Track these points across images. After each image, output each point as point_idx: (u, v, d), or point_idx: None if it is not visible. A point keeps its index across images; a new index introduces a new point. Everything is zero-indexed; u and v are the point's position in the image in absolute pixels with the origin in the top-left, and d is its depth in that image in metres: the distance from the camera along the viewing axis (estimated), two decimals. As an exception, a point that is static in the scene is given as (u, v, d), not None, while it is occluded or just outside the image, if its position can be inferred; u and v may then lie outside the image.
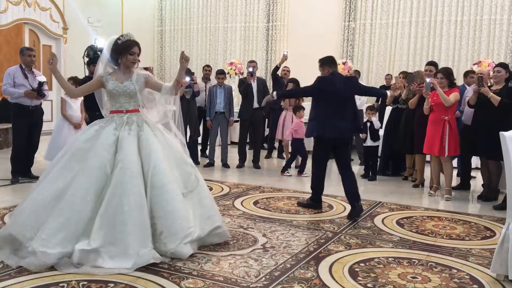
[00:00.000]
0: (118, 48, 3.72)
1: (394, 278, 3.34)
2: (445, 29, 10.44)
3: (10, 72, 6.14)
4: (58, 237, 3.28)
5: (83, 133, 3.76)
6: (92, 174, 3.46)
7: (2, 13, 9.92)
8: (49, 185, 3.50)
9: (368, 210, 5.27)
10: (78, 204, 3.37)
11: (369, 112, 7.14)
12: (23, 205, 3.51)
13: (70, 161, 3.57)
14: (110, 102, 3.81)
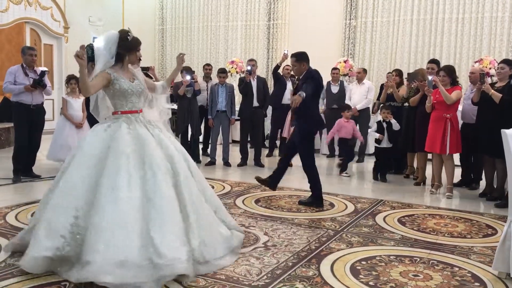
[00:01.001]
0: (129, 45, 3.54)
1: (396, 276, 3.33)
2: (447, 26, 10.42)
3: (11, 71, 6.15)
4: (177, 243, 3.13)
5: (125, 141, 3.38)
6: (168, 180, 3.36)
7: (3, 12, 9.93)
8: (131, 203, 3.14)
9: (369, 208, 5.27)
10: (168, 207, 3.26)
11: (385, 111, 6.79)
12: (105, 227, 3.05)
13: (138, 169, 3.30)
14: (119, 101, 3.53)
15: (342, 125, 7.31)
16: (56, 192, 3.31)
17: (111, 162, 3.25)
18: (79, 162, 3.32)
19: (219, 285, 3.04)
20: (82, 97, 6.96)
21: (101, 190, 3.15)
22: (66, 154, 6.60)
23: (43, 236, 3.11)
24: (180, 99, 7.84)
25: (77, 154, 3.40)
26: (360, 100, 8.44)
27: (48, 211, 3.24)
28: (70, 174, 3.29)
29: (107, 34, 3.55)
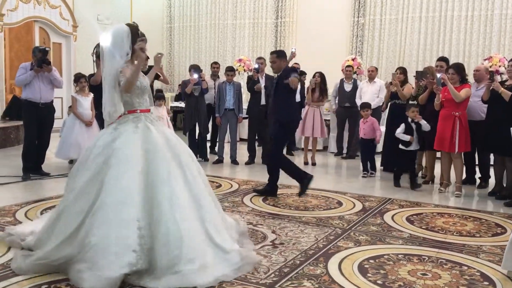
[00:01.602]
0: (141, 40, 3.44)
1: (404, 275, 3.32)
2: (456, 24, 10.34)
3: (23, 66, 6.20)
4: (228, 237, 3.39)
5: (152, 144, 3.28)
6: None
7: (13, 11, 9.99)
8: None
9: (377, 206, 5.25)
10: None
11: (414, 110, 6.21)
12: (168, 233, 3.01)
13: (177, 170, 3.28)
14: (137, 100, 3.40)
15: (360, 126, 7.18)
16: (107, 206, 3.03)
17: (157, 167, 3.17)
18: (122, 171, 3.11)
19: (227, 283, 3.05)
20: (91, 95, 6.99)
21: (163, 202, 3.07)
22: (75, 152, 6.69)
23: (114, 254, 2.89)
24: (187, 98, 7.85)
25: (113, 162, 3.15)
26: (372, 99, 8.40)
27: (107, 227, 2.96)
28: (116, 185, 3.07)
29: (115, 29, 3.40)
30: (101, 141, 3.30)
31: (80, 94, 7.00)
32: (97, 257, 2.90)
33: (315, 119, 7.89)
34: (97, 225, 2.99)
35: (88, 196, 3.13)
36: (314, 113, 7.91)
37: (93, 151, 3.29)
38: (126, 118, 3.38)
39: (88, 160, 3.27)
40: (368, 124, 7.06)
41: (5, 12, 9.82)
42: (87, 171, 3.21)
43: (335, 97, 9.00)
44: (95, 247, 2.93)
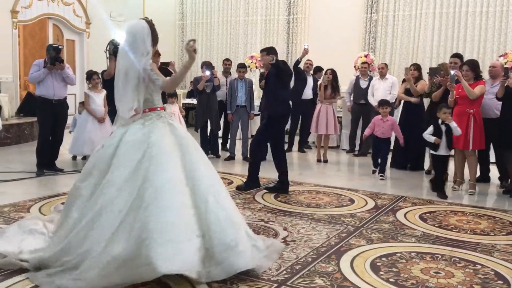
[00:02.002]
0: (156, 36, 3.38)
1: (417, 273, 3.30)
2: (470, 20, 10.21)
3: (37, 63, 6.26)
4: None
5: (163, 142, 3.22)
6: None
7: (27, 9, 10.09)
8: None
9: (390, 204, 5.22)
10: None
11: (446, 112, 5.61)
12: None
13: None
14: (156, 97, 3.36)
15: (377, 123, 6.77)
16: (159, 198, 2.96)
17: (192, 159, 3.22)
18: (165, 163, 3.08)
19: (239, 280, 3.05)
20: (103, 92, 7.03)
21: (202, 189, 3.12)
22: (89, 148, 6.74)
23: (185, 239, 2.88)
24: (199, 94, 7.87)
25: (154, 155, 3.09)
26: (384, 96, 8.34)
27: (165, 215, 2.90)
28: (163, 176, 3.03)
29: (136, 25, 3.31)
30: (130, 137, 3.20)
31: (93, 91, 7.05)
32: (170, 245, 2.81)
33: (328, 116, 7.86)
34: (155, 217, 2.88)
35: (128, 193, 3.02)
36: (327, 110, 7.88)
37: (121, 147, 3.18)
38: (149, 116, 3.30)
39: (119, 157, 3.14)
40: (388, 124, 6.73)
41: (19, 9, 9.91)
42: (123, 168, 3.09)
43: (350, 94, 8.95)
44: (160, 235, 2.82)
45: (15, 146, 8.51)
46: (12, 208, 4.61)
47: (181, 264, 2.79)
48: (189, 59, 3.25)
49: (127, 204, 2.98)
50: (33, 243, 3.32)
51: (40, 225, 3.57)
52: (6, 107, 8.86)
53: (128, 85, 3.27)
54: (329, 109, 7.90)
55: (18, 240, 3.35)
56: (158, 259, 2.74)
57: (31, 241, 3.35)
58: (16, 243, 3.31)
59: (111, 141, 3.27)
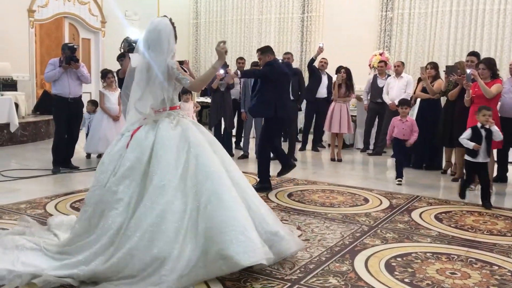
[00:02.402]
0: (176, 35, 3.36)
1: (432, 274, 3.26)
2: (487, 18, 10.06)
3: (52, 62, 6.34)
4: None
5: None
6: None
7: (43, 8, 10.20)
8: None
9: (405, 204, 5.17)
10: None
11: (486, 114, 5.10)
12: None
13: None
14: (175, 96, 3.35)
15: (397, 124, 6.37)
16: (218, 193, 3.02)
17: (222, 155, 3.31)
18: (211, 160, 3.14)
19: (252, 278, 3.05)
20: (118, 91, 7.09)
21: (245, 183, 3.31)
22: (103, 146, 6.80)
23: (251, 229, 3.01)
24: (213, 93, 7.88)
25: (199, 153, 3.13)
26: (399, 95, 8.27)
27: (227, 211, 2.96)
28: (213, 173, 3.09)
29: (160, 24, 3.26)
30: (165, 137, 3.15)
31: (107, 89, 7.10)
32: (241, 238, 2.89)
33: (342, 115, 7.82)
34: (217, 214, 2.94)
35: (184, 194, 3.01)
36: (341, 108, 7.84)
37: (158, 148, 3.11)
38: (172, 114, 3.28)
39: (160, 158, 3.08)
40: (408, 124, 6.33)
41: (36, 9, 10.02)
42: (172, 170, 3.04)
43: (367, 93, 8.88)
44: (228, 231, 2.89)
45: (32, 144, 8.62)
46: (28, 205, 4.67)
47: (256, 254, 2.89)
48: (219, 60, 3.27)
49: (186, 206, 2.98)
50: (31, 259, 3.05)
51: (23, 240, 3.25)
52: (22, 105, 8.97)
53: (149, 83, 3.24)
54: (343, 108, 7.86)
55: (10, 260, 3.01)
56: (235, 253, 2.83)
57: (28, 257, 3.07)
58: (9, 262, 2.98)
59: (144, 142, 3.16)
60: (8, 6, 9.46)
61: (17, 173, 6.07)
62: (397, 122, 6.37)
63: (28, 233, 3.45)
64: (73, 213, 4.46)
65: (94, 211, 3.12)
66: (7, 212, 4.40)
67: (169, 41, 3.24)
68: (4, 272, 2.85)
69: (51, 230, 3.62)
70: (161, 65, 3.22)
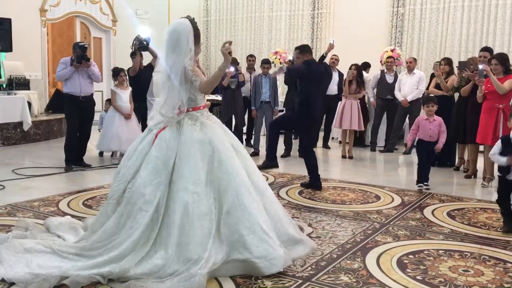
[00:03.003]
0: (199, 35, 3.36)
1: (445, 271, 3.24)
2: (500, 13, 9.94)
3: (63, 61, 6.38)
4: None
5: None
6: None
7: (55, 7, 10.29)
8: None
9: (417, 201, 5.14)
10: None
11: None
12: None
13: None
14: (200, 96, 3.33)
15: (423, 125, 5.67)
16: (241, 199, 3.09)
17: (245, 159, 3.34)
18: (236, 165, 3.19)
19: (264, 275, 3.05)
20: (129, 89, 7.12)
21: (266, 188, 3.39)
22: (115, 144, 6.86)
23: (272, 238, 3.10)
24: (224, 91, 7.89)
25: (223, 157, 3.16)
26: (411, 91, 8.21)
27: (251, 216, 3.06)
28: (237, 179, 3.14)
29: (179, 25, 3.25)
30: (188, 139, 3.17)
31: (119, 88, 7.14)
32: (266, 246, 3.03)
33: (353, 112, 7.79)
34: (242, 220, 3.05)
35: (208, 199, 3.08)
36: (351, 105, 7.81)
37: (182, 150, 3.14)
38: (194, 115, 3.29)
39: (183, 161, 3.11)
40: (436, 124, 5.61)
41: (48, 8, 10.11)
42: (199, 175, 3.08)
43: (373, 89, 8.83)
44: (253, 238, 3.02)
45: (44, 142, 8.70)
46: (41, 202, 4.72)
47: (280, 263, 3.03)
48: (224, 61, 3.26)
49: (211, 210, 3.06)
50: (46, 261, 3.04)
51: (32, 243, 3.24)
52: (35, 104, 9.06)
53: (172, 84, 3.23)
54: (354, 104, 7.83)
55: (23, 263, 3.01)
56: (257, 260, 2.98)
57: (42, 259, 3.06)
58: (24, 265, 2.98)
59: (169, 143, 3.17)
60: (21, 6, 9.56)
61: (30, 171, 6.14)
62: (424, 122, 5.65)
63: (30, 236, 3.45)
64: (86, 210, 4.50)
65: (122, 211, 3.18)
66: (21, 209, 4.45)
67: (188, 41, 3.21)
68: (29, 276, 2.84)
69: (52, 232, 3.59)
70: (178, 67, 3.21)
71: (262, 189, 3.31)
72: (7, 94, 8.40)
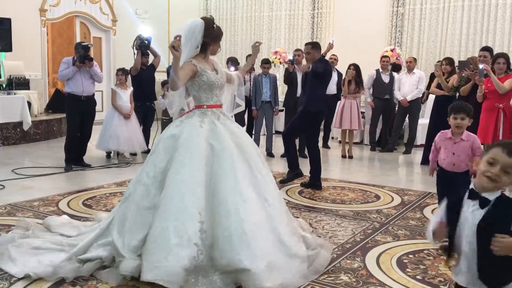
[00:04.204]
0: (214, 34, 3.38)
1: (445, 270, 3.24)
2: (500, 12, 9.95)
3: (65, 60, 6.40)
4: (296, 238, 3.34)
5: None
6: None
7: (55, 7, 10.29)
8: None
9: (417, 200, 5.14)
10: None
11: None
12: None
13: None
14: (205, 95, 3.31)
15: (444, 144, 3.80)
16: (171, 196, 2.94)
17: (221, 163, 3.08)
18: (187, 163, 3.02)
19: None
20: (130, 89, 7.13)
21: (227, 196, 2.96)
22: (115, 144, 6.85)
23: (176, 245, 2.78)
24: (224, 90, 7.88)
25: (177, 155, 3.07)
26: (411, 91, 8.20)
27: (168, 217, 2.87)
28: (178, 177, 2.99)
29: (190, 22, 3.30)
30: (165, 134, 3.23)
31: (119, 87, 7.14)
32: (160, 249, 2.80)
33: (352, 111, 7.80)
34: (158, 218, 2.90)
35: (156, 187, 3.08)
36: (351, 105, 7.82)
37: (159, 145, 3.20)
38: (192, 113, 3.31)
39: (153, 154, 3.19)
40: (465, 145, 3.69)
41: (47, 8, 10.11)
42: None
43: (369, 89, 8.77)
44: (154, 239, 2.85)
45: (44, 142, 8.70)
46: (41, 202, 4.72)
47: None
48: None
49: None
50: (56, 259, 3.09)
51: (38, 242, 3.31)
52: (35, 104, 9.06)
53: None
54: (353, 104, 7.83)
55: (35, 260, 3.08)
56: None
57: (50, 257, 3.12)
58: (36, 262, 3.05)
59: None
60: (20, 6, 9.55)
61: (30, 171, 6.14)
62: (446, 142, 3.77)
63: (31, 236, 3.46)
64: (85, 210, 4.50)
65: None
66: (21, 209, 4.45)
67: (196, 38, 3.25)
68: (50, 269, 2.95)
69: (54, 231, 3.60)
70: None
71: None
72: (7, 94, 8.39)
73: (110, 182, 5.65)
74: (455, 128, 3.69)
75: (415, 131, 8.41)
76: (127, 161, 7.05)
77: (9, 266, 3.05)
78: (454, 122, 3.68)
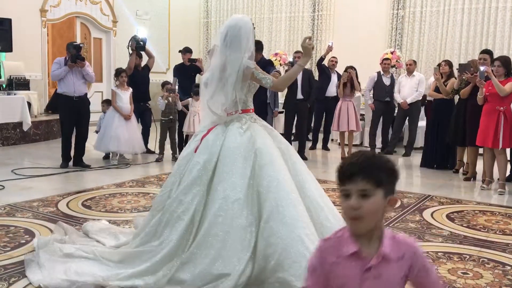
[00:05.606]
0: (261, 46, 3.27)
1: (444, 273, 3.24)
2: (500, 15, 9.96)
3: (57, 61, 6.44)
4: None
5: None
6: None
7: (55, 8, 10.30)
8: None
9: (416, 203, 5.14)
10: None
11: None
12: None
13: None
14: (250, 99, 3.15)
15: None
16: (282, 208, 2.76)
17: (295, 166, 3.06)
18: (277, 171, 2.88)
19: (263, 277, 3.04)
20: (130, 90, 7.13)
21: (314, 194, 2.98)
22: (114, 145, 6.84)
23: (305, 252, 2.61)
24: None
25: (264, 163, 2.90)
26: (410, 93, 8.20)
27: (287, 228, 2.71)
28: (279, 186, 2.83)
29: (241, 19, 3.10)
30: (232, 144, 2.97)
31: (119, 88, 7.14)
32: (289, 261, 2.64)
33: (349, 113, 7.80)
34: (280, 233, 2.70)
35: (247, 207, 2.83)
36: (347, 106, 7.81)
37: (224, 156, 2.94)
38: (243, 118, 3.09)
39: (225, 168, 2.92)
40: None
41: (48, 8, 10.12)
42: (240, 181, 2.86)
43: (369, 91, 8.75)
44: (284, 251, 2.67)
45: (44, 143, 8.70)
46: (41, 203, 4.71)
47: None
48: (305, 57, 3.11)
49: (249, 221, 2.80)
50: (85, 268, 2.99)
51: (72, 249, 3.22)
52: (35, 104, 9.06)
53: (222, 80, 3.06)
54: (350, 106, 7.85)
55: (62, 269, 2.98)
56: (293, 278, 2.59)
57: (80, 265, 3.01)
58: (62, 272, 2.95)
59: (212, 147, 2.99)
60: (21, 6, 9.56)
61: (29, 171, 6.13)
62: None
63: (68, 241, 3.41)
64: (84, 211, 4.49)
65: (161, 219, 3.00)
66: (20, 210, 4.45)
67: (248, 39, 3.05)
68: (65, 284, 2.81)
69: (92, 237, 3.53)
70: (235, 64, 3.00)
71: (316, 202, 2.98)
72: (7, 94, 8.40)
73: (110, 183, 5.65)
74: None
75: (415, 134, 8.41)
76: (126, 162, 7.04)
77: (33, 272, 2.96)
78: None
